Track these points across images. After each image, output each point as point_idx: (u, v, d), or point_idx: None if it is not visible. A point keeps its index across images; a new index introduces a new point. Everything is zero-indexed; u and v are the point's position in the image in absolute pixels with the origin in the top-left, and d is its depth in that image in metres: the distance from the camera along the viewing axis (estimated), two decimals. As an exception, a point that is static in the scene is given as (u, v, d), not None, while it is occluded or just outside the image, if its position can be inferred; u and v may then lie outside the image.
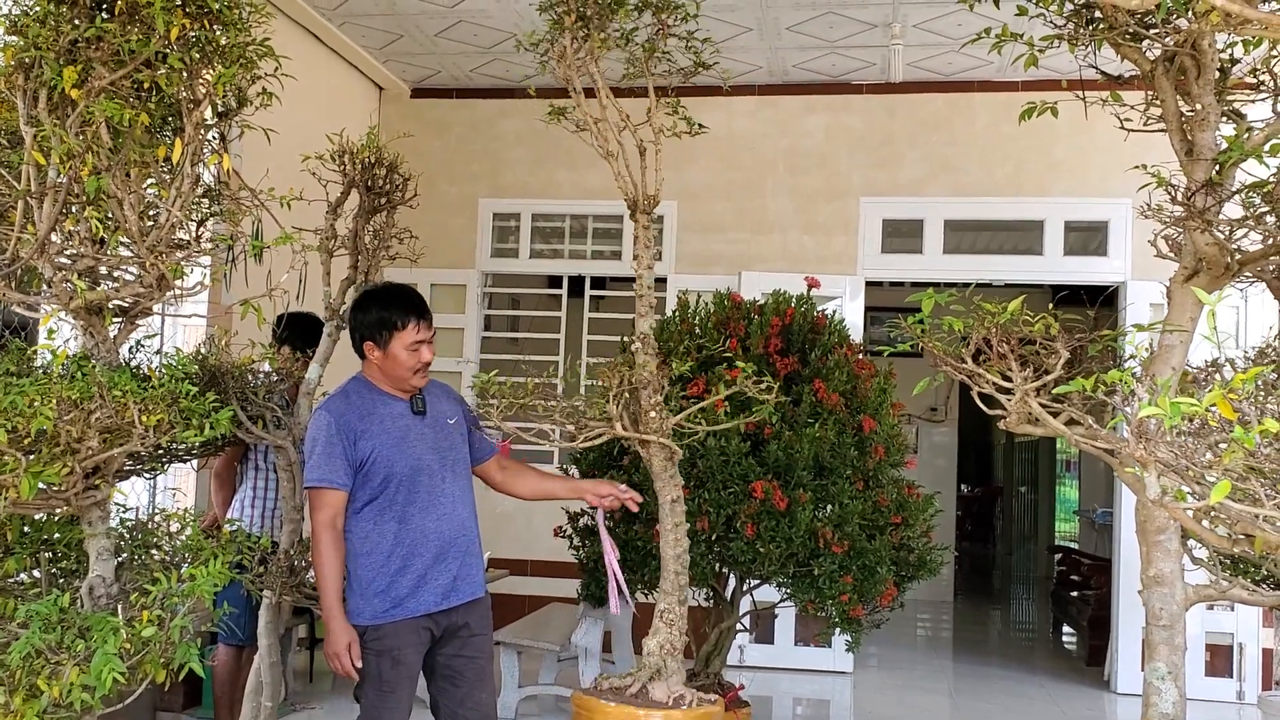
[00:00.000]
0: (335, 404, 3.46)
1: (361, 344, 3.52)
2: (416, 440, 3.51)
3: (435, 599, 3.45)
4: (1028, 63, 2.68)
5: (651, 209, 3.38)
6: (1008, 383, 2.37)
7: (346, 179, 4.06)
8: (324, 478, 3.35)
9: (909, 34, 6.26)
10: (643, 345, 3.28)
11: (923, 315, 2.50)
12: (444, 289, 7.66)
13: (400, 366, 3.46)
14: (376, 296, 3.56)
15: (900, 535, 4.69)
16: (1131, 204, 6.82)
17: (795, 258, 7.10)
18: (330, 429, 3.39)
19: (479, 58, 7.05)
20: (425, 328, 3.51)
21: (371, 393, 3.52)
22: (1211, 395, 1.18)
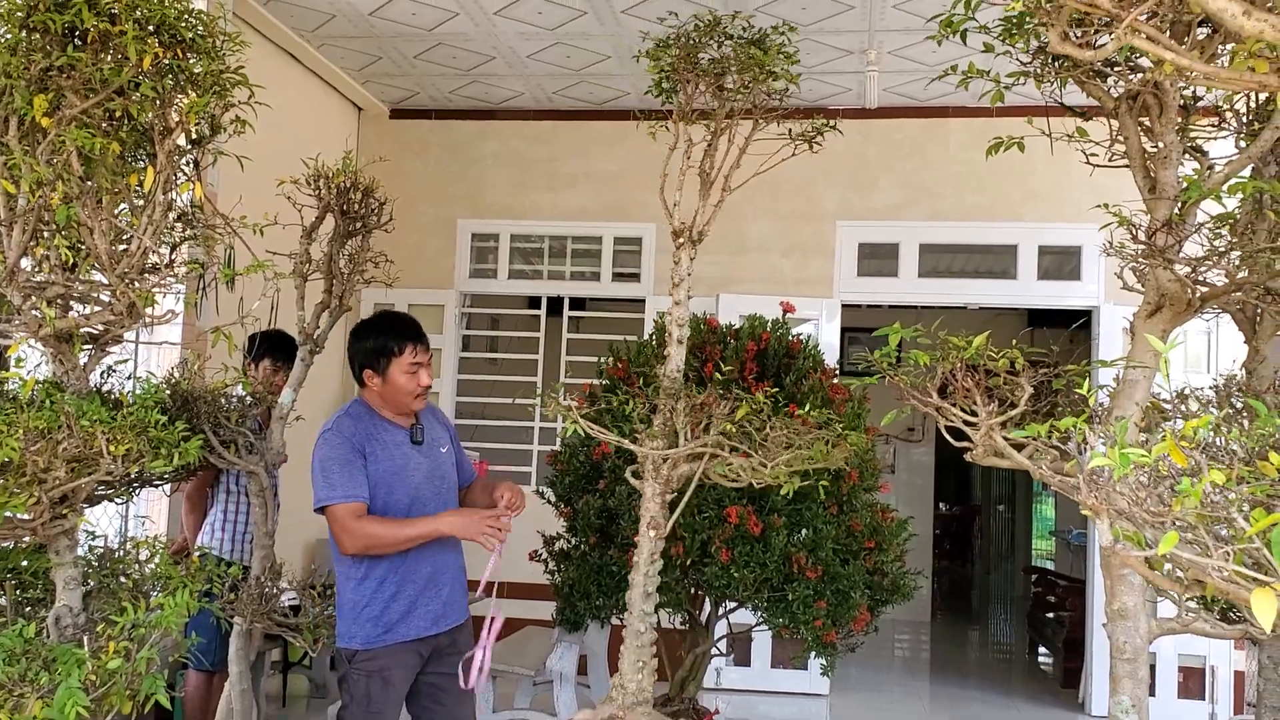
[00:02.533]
0: (344, 425, 3.49)
1: (361, 371, 3.56)
2: (415, 470, 3.54)
3: (427, 624, 3.49)
4: (994, 99, 2.71)
5: (699, 239, 3.36)
6: (974, 416, 2.39)
7: (322, 203, 4.06)
8: (350, 493, 3.35)
9: (884, 60, 6.31)
10: (671, 382, 3.23)
11: (889, 349, 2.51)
12: (422, 309, 7.65)
13: (400, 391, 3.50)
14: (373, 325, 3.61)
15: (874, 560, 4.71)
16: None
17: (773, 280, 7.13)
18: (346, 447, 3.42)
19: (458, 79, 7.06)
20: (422, 351, 3.55)
21: (373, 418, 3.55)
22: (1160, 445, 1.20)
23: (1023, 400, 2.29)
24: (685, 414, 3.17)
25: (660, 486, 3.15)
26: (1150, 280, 2.40)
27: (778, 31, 3.45)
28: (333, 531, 3.38)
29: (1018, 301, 7.29)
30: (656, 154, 3.55)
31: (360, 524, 3.34)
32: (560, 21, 6.00)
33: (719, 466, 3.08)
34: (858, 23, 5.85)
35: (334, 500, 3.35)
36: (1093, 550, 6.85)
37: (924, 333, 2.46)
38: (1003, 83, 2.70)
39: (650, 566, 3.12)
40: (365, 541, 3.33)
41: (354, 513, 3.34)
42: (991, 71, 2.70)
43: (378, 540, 3.35)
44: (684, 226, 3.50)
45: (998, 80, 2.70)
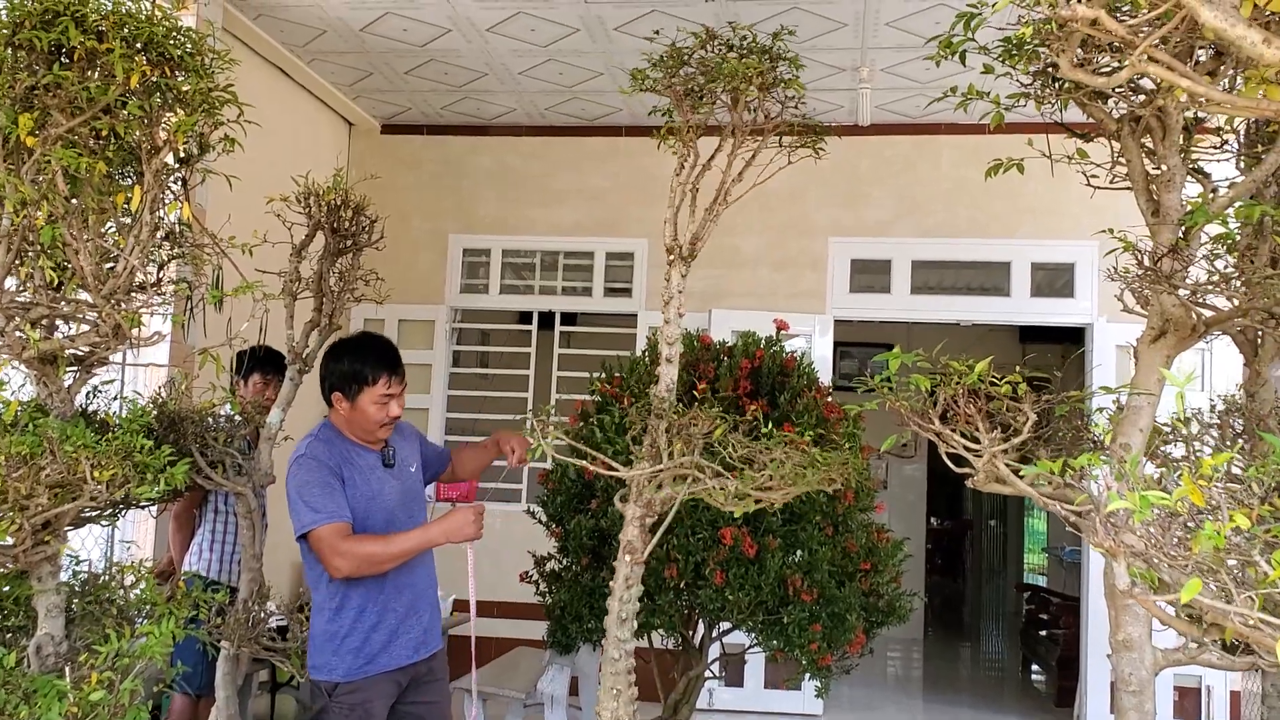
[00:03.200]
0: (317, 449, 3.39)
1: (330, 393, 3.47)
2: (389, 494, 3.47)
3: (408, 652, 3.42)
4: (994, 120, 2.68)
5: (692, 256, 3.30)
6: (975, 443, 2.35)
7: (312, 221, 4.01)
8: (334, 514, 3.25)
9: (877, 78, 6.30)
10: (660, 402, 3.18)
11: (888, 373, 2.47)
12: (412, 325, 7.61)
13: (367, 420, 3.42)
14: (350, 347, 3.51)
15: (870, 581, 4.66)
16: (1098, 246, 6.88)
17: (765, 295, 7.10)
18: (323, 470, 3.32)
19: (450, 95, 7.03)
20: (397, 382, 3.46)
21: (343, 442, 3.47)
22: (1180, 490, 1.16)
23: (1026, 427, 2.25)
24: (667, 435, 3.12)
25: (641, 510, 3.10)
26: (1154, 305, 2.37)
27: (779, 38, 3.41)
28: (321, 555, 3.26)
29: (1011, 319, 7.27)
30: (648, 170, 3.52)
31: (351, 544, 3.25)
32: (553, 39, 5.97)
33: (703, 491, 3.02)
34: (850, 40, 5.83)
35: (319, 522, 3.24)
36: (1087, 568, 6.82)
37: (924, 357, 2.42)
38: (1002, 104, 2.66)
39: (627, 592, 3.07)
40: (359, 560, 3.23)
41: (341, 533, 3.24)
42: (991, 93, 2.67)
43: (372, 558, 3.25)
44: (675, 243, 3.45)
45: (997, 101, 2.67)
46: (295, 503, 3.32)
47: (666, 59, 3.29)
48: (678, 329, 3.42)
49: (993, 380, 2.28)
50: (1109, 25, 1.33)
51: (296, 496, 3.31)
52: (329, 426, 3.50)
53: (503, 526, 6.84)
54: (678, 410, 3.10)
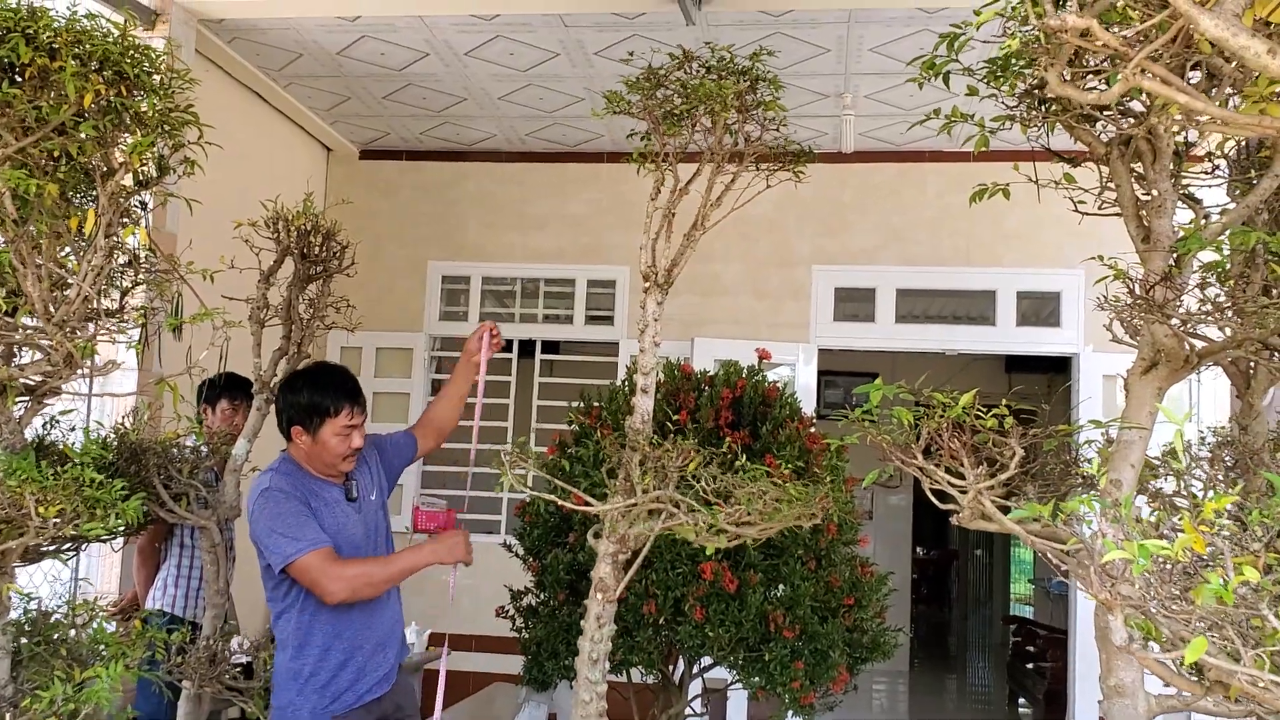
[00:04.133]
0: (281, 483, 3.28)
1: (289, 427, 3.36)
2: (353, 529, 3.37)
3: (374, 687, 3.32)
4: (978, 144, 2.59)
5: (668, 284, 3.21)
6: (960, 479, 2.25)
7: (280, 247, 3.91)
8: (316, 540, 3.14)
9: (860, 104, 6.24)
10: (635, 435, 3.08)
11: (869, 406, 2.38)
12: (390, 353, 7.49)
13: (329, 453, 3.32)
14: (308, 378, 3.41)
15: (853, 617, 4.55)
16: (1085, 274, 6.82)
17: (747, 323, 7.01)
18: (292, 501, 3.22)
19: (429, 120, 6.94)
20: (358, 412, 3.37)
21: (304, 476, 3.36)
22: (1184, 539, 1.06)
23: (1013, 463, 2.16)
24: (641, 468, 3.01)
25: (614, 546, 2.99)
26: (1145, 335, 2.28)
27: (758, 59, 3.32)
28: (313, 583, 3.14)
29: (997, 348, 7.19)
30: (629, 197, 3.44)
31: (343, 565, 3.15)
32: (532, 63, 5.90)
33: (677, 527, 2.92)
34: (833, 65, 5.77)
35: (303, 551, 3.13)
36: (1074, 601, 6.71)
37: (906, 389, 2.32)
38: (987, 127, 2.58)
39: (599, 631, 2.95)
40: (356, 582, 3.14)
41: (330, 557, 3.14)
42: (975, 116, 2.59)
43: (369, 579, 3.18)
44: (651, 270, 3.34)
45: (982, 125, 2.58)
46: (269, 536, 3.20)
47: (643, 80, 3.20)
48: (654, 358, 3.32)
49: (978, 413, 2.18)
50: (1101, 36, 1.24)
51: (269, 530, 3.20)
52: (288, 460, 3.39)
53: (479, 559, 6.69)
54: (653, 442, 2.99)
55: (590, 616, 2.95)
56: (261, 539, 3.24)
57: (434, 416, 3.91)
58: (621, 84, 3.22)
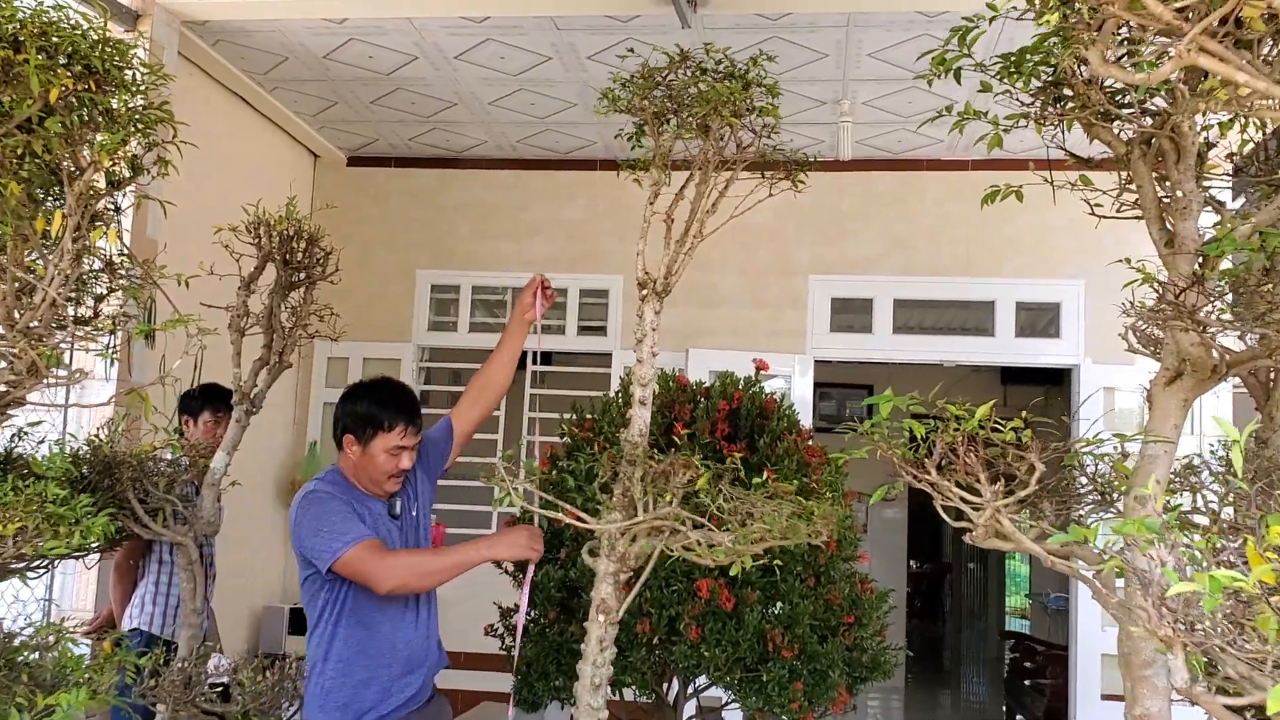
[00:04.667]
0: (325, 488, 3.19)
1: (342, 435, 3.27)
2: (395, 545, 3.25)
3: (400, 707, 3.21)
4: (991, 143, 2.47)
5: (666, 291, 3.09)
6: (975, 495, 2.12)
7: (261, 252, 3.78)
8: (361, 533, 3.02)
9: (858, 111, 6.13)
10: (633, 448, 2.95)
11: (879, 418, 2.25)
12: (378, 363, 7.34)
13: (376, 469, 3.22)
14: (369, 390, 3.32)
15: (853, 635, 4.41)
16: (1085, 285, 6.71)
17: (743, 334, 6.88)
18: (336, 502, 3.12)
19: (418, 126, 6.81)
20: (412, 434, 3.26)
21: (349, 487, 3.26)
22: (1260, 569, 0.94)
23: (1034, 479, 2.03)
24: (642, 483, 2.88)
25: (615, 565, 2.85)
26: (1169, 344, 2.15)
27: (756, 63, 3.19)
28: (363, 574, 3.02)
29: (995, 359, 7.07)
30: (623, 204, 3.32)
31: (393, 555, 3.05)
32: (524, 67, 5.77)
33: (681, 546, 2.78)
34: (831, 71, 5.65)
35: (349, 544, 3.01)
36: (1075, 616, 6.57)
37: (918, 400, 2.19)
38: (1001, 124, 2.45)
39: (601, 655, 2.81)
40: (405, 572, 3.03)
41: (376, 547, 3.03)
42: (988, 112, 2.46)
43: (419, 569, 3.06)
44: (648, 277, 3.22)
45: (995, 123, 2.46)
46: (313, 538, 3.09)
47: (637, 78, 3.08)
48: (651, 369, 3.19)
49: (995, 425, 2.05)
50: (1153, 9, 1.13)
51: (313, 531, 3.09)
52: (336, 472, 3.31)
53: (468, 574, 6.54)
54: (653, 456, 2.86)
55: (591, 639, 2.81)
56: (305, 543, 3.12)
57: (484, 383, 3.70)
58: (616, 85, 3.10)
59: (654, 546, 2.86)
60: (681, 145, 3.14)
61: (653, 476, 2.81)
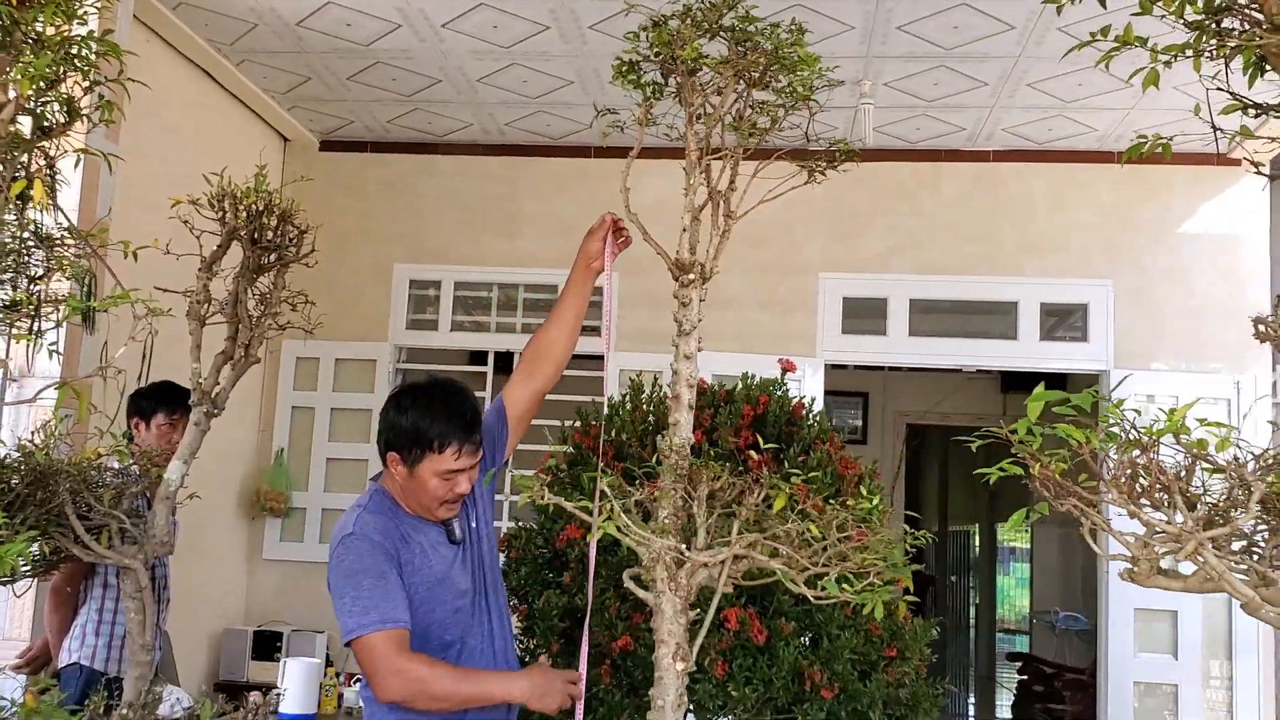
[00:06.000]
0: (370, 526, 2.65)
1: (385, 451, 2.73)
2: (458, 577, 2.75)
3: None
4: (1147, 80, 1.98)
5: (706, 277, 2.61)
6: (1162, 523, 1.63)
7: (226, 229, 3.24)
8: (388, 616, 2.52)
9: (879, 94, 5.66)
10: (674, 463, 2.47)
11: (1028, 423, 1.75)
12: (351, 364, 6.79)
13: (426, 495, 2.69)
14: (418, 396, 2.76)
15: (896, 671, 3.91)
16: (1114, 285, 6.28)
17: (749, 337, 6.39)
18: (378, 555, 2.60)
19: (397, 106, 6.27)
20: (469, 454, 2.70)
21: (398, 513, 2.73)
22: None
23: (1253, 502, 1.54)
24: (708, 503, 2.39)
25: (681, 601, 2.36)
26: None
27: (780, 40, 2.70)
28: (370, 669, 2.54)
29: (1017, 363, 6.61)
30: (619, 195, 2.87)
31: (408, 663, 2.52)
32: (519, 38, 5.25)
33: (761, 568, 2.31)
34: (856, 46, 5.18)
35: (368, 628, 2.52)
36: (1105, 642, 6.11)
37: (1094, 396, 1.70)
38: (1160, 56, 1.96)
39: (677, 713, 2.31)
40: (414, 689, 2.52)
41: (397, 644, 2.53)
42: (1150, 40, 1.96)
43: (430, 689, 2.54)
44: (692, 260, 2.73)
45: (1155, 51, 1.96)
46: (340, 598, 2.60)
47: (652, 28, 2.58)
48: (696, 368, 2.70)
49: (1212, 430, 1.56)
50: None
51: (341, 589, 2.61)
52: (381, 494, 2.77)
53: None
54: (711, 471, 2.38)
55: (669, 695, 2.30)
56: (334, 596, 2.64)
57: (538, 353, 3.15)
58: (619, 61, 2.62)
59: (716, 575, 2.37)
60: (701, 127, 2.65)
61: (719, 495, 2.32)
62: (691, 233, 2.65)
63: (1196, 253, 6.23)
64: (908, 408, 10.13)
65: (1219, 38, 1.94)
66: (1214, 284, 6.18)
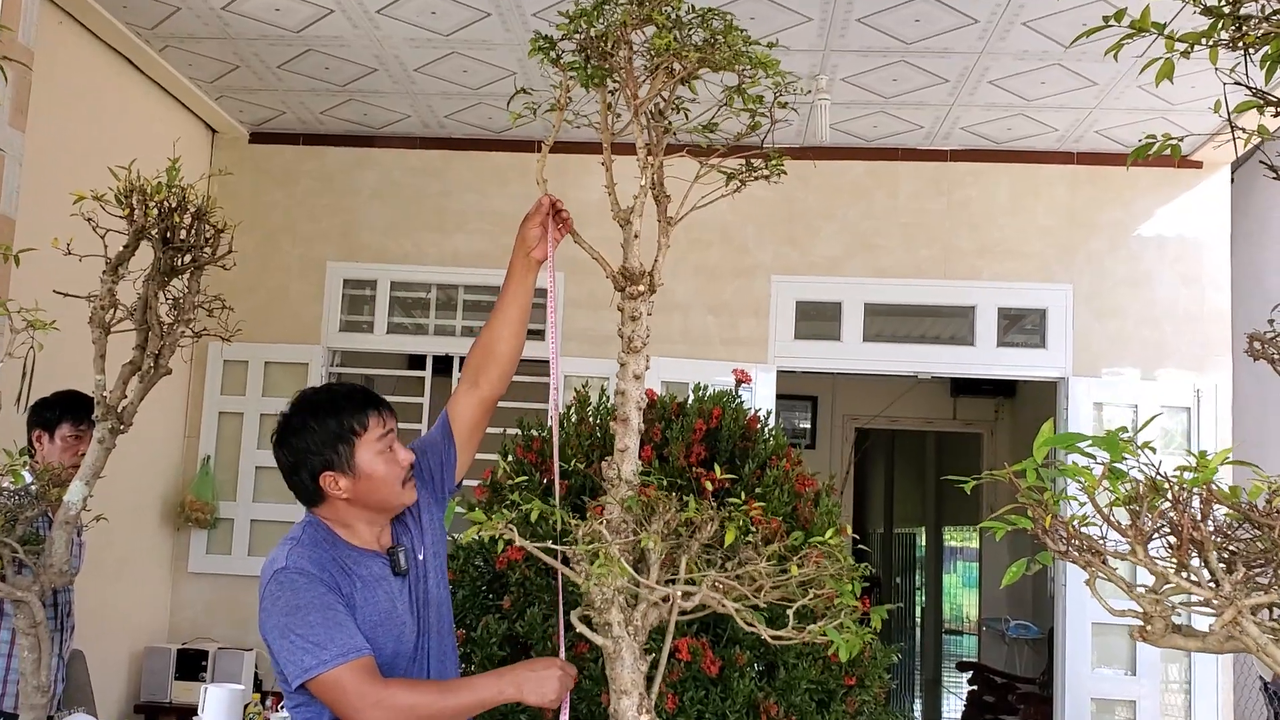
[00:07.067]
0: (301, 557, 2.34)
1: (317, 479, 2.41)
2: (401, 613, 2.44)
3: None
4: (1161, 73, 1.77)
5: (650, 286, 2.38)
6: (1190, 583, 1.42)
7: (134, 227, 2.95)
8: (349, 647, 2.23)
9: (836, 89, 5.45)
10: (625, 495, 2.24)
11: (1031, 463, 1.53)
12: (281, 368, 6.45)
13: (383, 484, 2.41)
14: (304, 409, 2.48)
15: (856, 701, 3.71)
16: (1073, 290, 6.14)
17: (698, 341, 6.16)
18: (317, 586, 2.29)
19: (331, 97, 5.96)
20: (388, 415, 2.47)
21: (337, 546, 2.41)
22: None
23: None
24: (660, 537, 2.15)
25: (638, 645, 2.13)
26: None
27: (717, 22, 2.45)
28: (342, 707, 2.24)
29: (975, 370, 6.47)
30: (563, 193, 2.62)
31: (385, 691, 2.22)
32: (458, 25, 4.97)
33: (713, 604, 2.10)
34: (813, 39, 4.97)
35: (330, 664, 2.21)
36: (1063, 656, 5.96)
37: (1097, 441, 1.48)
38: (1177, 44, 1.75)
39: None
40: (400, 716, 2.23)
41: (367, 672, 2.23)
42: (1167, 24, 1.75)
43: (416, 713, 2.25)
44: (640, 269, 2.50)
45: (1172, 38, 1.74)
46: (282, 639, 2.28)
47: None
48: (642, 390, 2.45)
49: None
50: None
51: (283, 630, 2.28)
52: (315, 525, 2.44)
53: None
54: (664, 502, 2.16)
55: None
56: (273, 641, 2.31)
57: (484, 357, 2.76)
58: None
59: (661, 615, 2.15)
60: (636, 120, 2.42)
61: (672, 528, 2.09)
62: (627, 238, 2.40)
63: (1157, 257, 6.10)
64: (857, 411, 9.99)
65: (1237, 25, 1.73)
66: (1175, 289, 6.07)
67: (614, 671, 2.19)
